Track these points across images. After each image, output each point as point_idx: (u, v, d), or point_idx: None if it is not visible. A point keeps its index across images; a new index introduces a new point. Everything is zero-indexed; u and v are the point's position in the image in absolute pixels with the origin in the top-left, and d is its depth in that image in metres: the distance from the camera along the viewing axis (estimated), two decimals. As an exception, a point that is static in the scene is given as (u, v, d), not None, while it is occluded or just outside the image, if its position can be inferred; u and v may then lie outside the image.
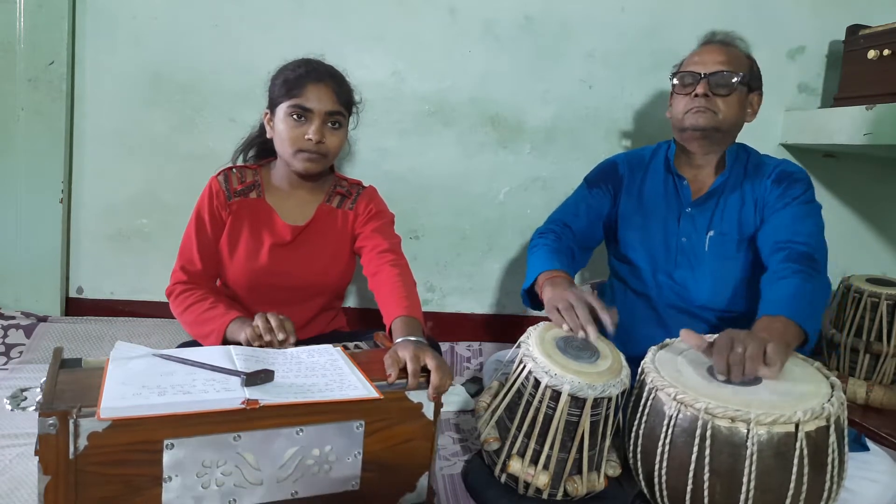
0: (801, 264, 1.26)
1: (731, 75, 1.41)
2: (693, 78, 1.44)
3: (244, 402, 0.93)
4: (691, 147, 1.48)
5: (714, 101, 1.42)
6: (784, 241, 1.33)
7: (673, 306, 1.48)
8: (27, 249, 1.87)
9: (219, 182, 1.44)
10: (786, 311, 1.16)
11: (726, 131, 1.45)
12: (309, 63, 1.40)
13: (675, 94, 1.49)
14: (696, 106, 1.42)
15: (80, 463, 0.87)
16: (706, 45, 1.49)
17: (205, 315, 1.31)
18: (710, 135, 1.44)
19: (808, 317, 1.17)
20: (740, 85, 1.43)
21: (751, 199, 1.45)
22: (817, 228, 1.37)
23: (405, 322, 1.21)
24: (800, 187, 1.42)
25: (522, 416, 1.15)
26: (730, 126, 1.44)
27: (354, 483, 1.03)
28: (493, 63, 1.95)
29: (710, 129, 1.42)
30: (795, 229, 1.35)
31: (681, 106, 1.46)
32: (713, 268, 1.45)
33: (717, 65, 1.42)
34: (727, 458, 0.96)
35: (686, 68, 1.47)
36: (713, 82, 1.42)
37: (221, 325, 1.26)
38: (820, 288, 1.26)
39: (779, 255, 1.30)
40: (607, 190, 1.58)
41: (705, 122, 1.42)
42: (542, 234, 1.54)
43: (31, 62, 1.80)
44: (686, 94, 1.45)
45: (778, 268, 1.28)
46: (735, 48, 1.48)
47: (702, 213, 1.47)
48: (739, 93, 1.44)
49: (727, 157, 1.47)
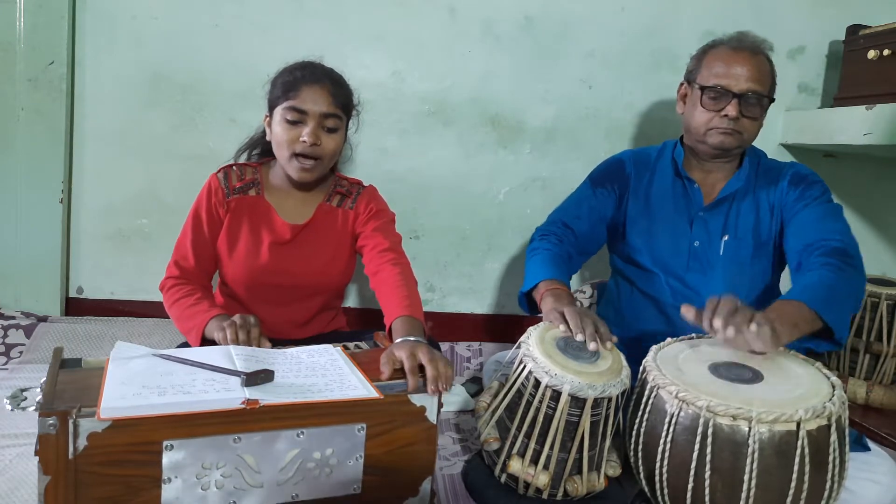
0: (832, 258, 1.23)
1: (761, 97, 1.37)
2: (723, 95, 1.36)
3: (244, 402, 0.92)
4: (706, 157, 1.45)
5: (742, 123, 1.37)
6: (815, 241, 1.30)
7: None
8: (27, 249, 1.87)
9: (218, 179, 1.44)
10: (801, 297, 1.14)
11: (747, 146, 1.44)
12: (306, 65, 1.40)
13: (697, 104, 1.40)
14: (723, 127, 1.37)
15: (80, 463, 0.86)
16: (737, 52, 1.38)
17: (188, 311, 1.32)
18: (732, 152, 1.42)
19: (826, 304, 1.13)
20: (767, 103, 1.40)
21: (766, 203, 1.43)
22: (846, 226, 1.34)
23: (405, 322, 1.21)
24: (818, 189, 1.40)
25: (522, 416, 1.14)
26: (751, 141, 1.43)
27: (356, 487, 1.02)
28: (493, 63, 1.95)
29: (734, 148, 1.40)
30: (824, 227, 1.32)
31: (703, 119, 1.39)
32: (727, 273, 1.43)
33: (750, 83, 1.35)
34: (728, 456, 0.96)
35: (715, 81, 1.37)
36: (745, 104, 1.36)
37: (201, 323, 1.26)
38: (848, 280, 1.21)
39: (813, 255, 1.27)
40: (612, 190, 1.54)
41: (731, 143, 1.38)
42: (544, 236, 1.52)
43: (31, 62, 1.80)
44: (713, 111, 1.37)
45: (810, 264, 1.25)
46: (763, 57, 1.40)
47: (714, 218, 1.45)
48: (764, 110, 1.40)
49: (742, 160, 1.46)
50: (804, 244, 1.32)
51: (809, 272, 1.23)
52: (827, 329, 1.15)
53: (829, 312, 1.13)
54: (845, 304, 1.19)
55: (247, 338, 1.18)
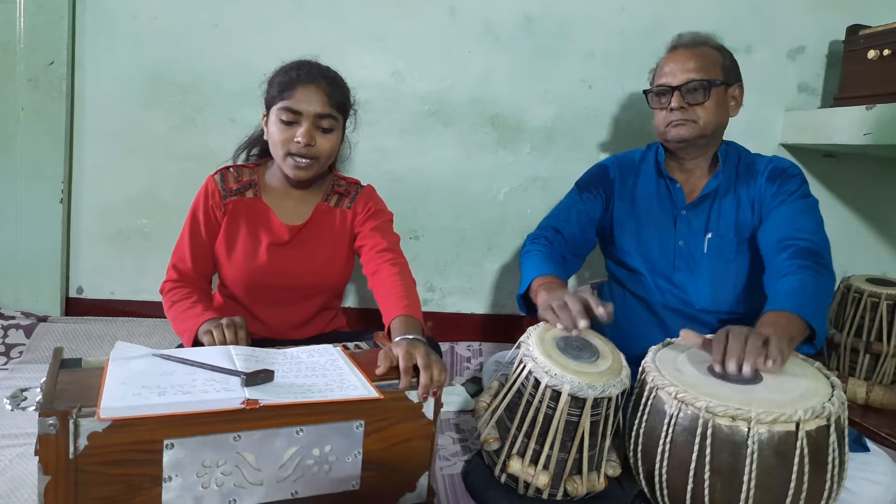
0: (806, 260, 1.25)
1: (702, 82, 1.40)
2: (665, 91, 1.43)
3: (244, 402, 0.93)
4: (680, 154, 1.48)
5: (692, 111, 1.41)
6: (786, 238, 1.32)
7: (673, 309, 1.47)
8: (27, 249, 1.87)
9: (215, 181, 1.44)
10: (791, 306, 1.15)
11: (711, 134, 1.44)
12: (302, 65, 1.39)
13: (651, 108, 1.49)
14: (674, 119, 1.42)
15: (80, 463, 0.87)
16: (673, 51, 1.47)
17: (183, 315, 1.32)
18: (695, 142, 1.44)
19: (814, 312, 1.15)
20: (715, 87, 1.41)
21: (746, 199, 1.45)
22: (817, 224, 1.36)
23: (404, 321, 1.21)
24: (794, 182, 1.41)
25: (522, 416, 1.14)
26: (714, 129, 1.44)
27: (354, 483, 1.03)
28: (493, 63, 1.95)
29: (693, 138, 1.42)
30: (796, 225, 1.33)
31: (660, 119, 1.46)
32: (712, 270, 1.45)
33: (687, 73, 1.40)
34: (728, 456, 0.96)
35: (658, 81, 1.46)
36: (686, 93, 1.40)
37: (194, 326, 1.26)
38: (826, 283, 1.24)
39: (783, 254, 1.29)
40: (598, 194, 1.57)
41: (687, 133, 1.42)
42: (534, 240, 1.54)
43: (31, 62, 1.80)
44: (662, 108, 1.45)
45: (783, 265, 1.27)
46: (704, 47, 1.45)
47: (697, 216, 1.47)
48: (717, 94, 1.42)
49: (719, 157, 1.47)
50: (774, 239, 1.34)
51: (787, 276, 1.24)
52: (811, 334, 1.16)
53: (816, 320, 1.15)
54: (825, 309, 1.21)
55: (234, 338, 1.19)
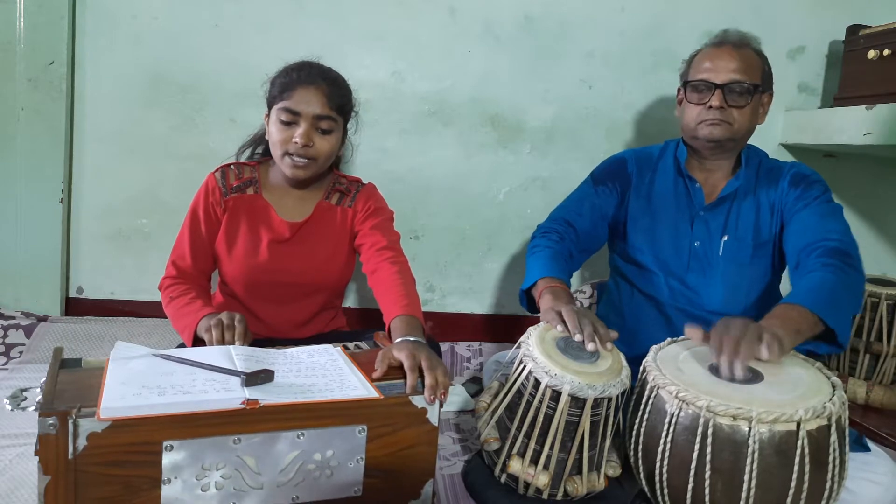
0: (832, 258, 1.23)
1: (747, 86, 1.37)
2: (707, 87, 1.39)
3: (244, 402, 0.92)
4: (704, 154, 1.45)
5: (729, 113, 1.38)
6: (815, 241, 1.29)
7: (683, 311, 1.45)
8: (27, 249, 1.87)
9: (215, 178, 1.44)
10: (804, 301, 1.14)
11: (741, 139, 1.43)
12: (303, 66, 1.39)
13: (686, 101, 1.44)
14: (710, 118, 1.38)
15: (80, 463, 0.86)
16: (718, 47, 1.42)
17: (182, 311, 1.32)
18: (724, 144, 1.42)
19: (829, 308, 1.13)
20: (756, 93, 1.40)
21: (766, 203, 1.43)
22: (845, 226, 1.33)
23: (404, 321, 1.21)
24: (818, 188, 1.40)
25: (522, 416, 1.14)
26: (744, 133, 1.42)
27: (357, 489, 1.02)
28: (493, 63, 1.95)
29: (725, 139, 1.40)
30: (824, 227, 1.31)
31: (693, 114, 1.41)
32: (727, 273, 1.43)
33: (732, 73, 1.37)
34: (728, 456, 0.96)
35: (699, 76, 1.40)
36: (729, 94, 1.37)
37: (193, 322, 1.26)
38: (849, 281, 1.21)
39: (812, 255, 1.27)
40: (614, 188, 1.54)
41: (721, 134, 1.39)
42: (545, 233, 1.51)
43: (31, 62, 1.80)
44: (699, 104, 1.40)
45: (810, 264, 1.25)
46: (749, 50, 1.42)
47: (715, 218, 1.45)
48: (755, 100, 1.40)
49: (742, 159, 1.46)
50: (804, 244, 1.31)
51: (810, 273, 1.23)
52: (829, 332, 1.14)
53: (832, 316, 1.13)
54: (847, 307, 1.18)
55: (232, 336, 1.18)
